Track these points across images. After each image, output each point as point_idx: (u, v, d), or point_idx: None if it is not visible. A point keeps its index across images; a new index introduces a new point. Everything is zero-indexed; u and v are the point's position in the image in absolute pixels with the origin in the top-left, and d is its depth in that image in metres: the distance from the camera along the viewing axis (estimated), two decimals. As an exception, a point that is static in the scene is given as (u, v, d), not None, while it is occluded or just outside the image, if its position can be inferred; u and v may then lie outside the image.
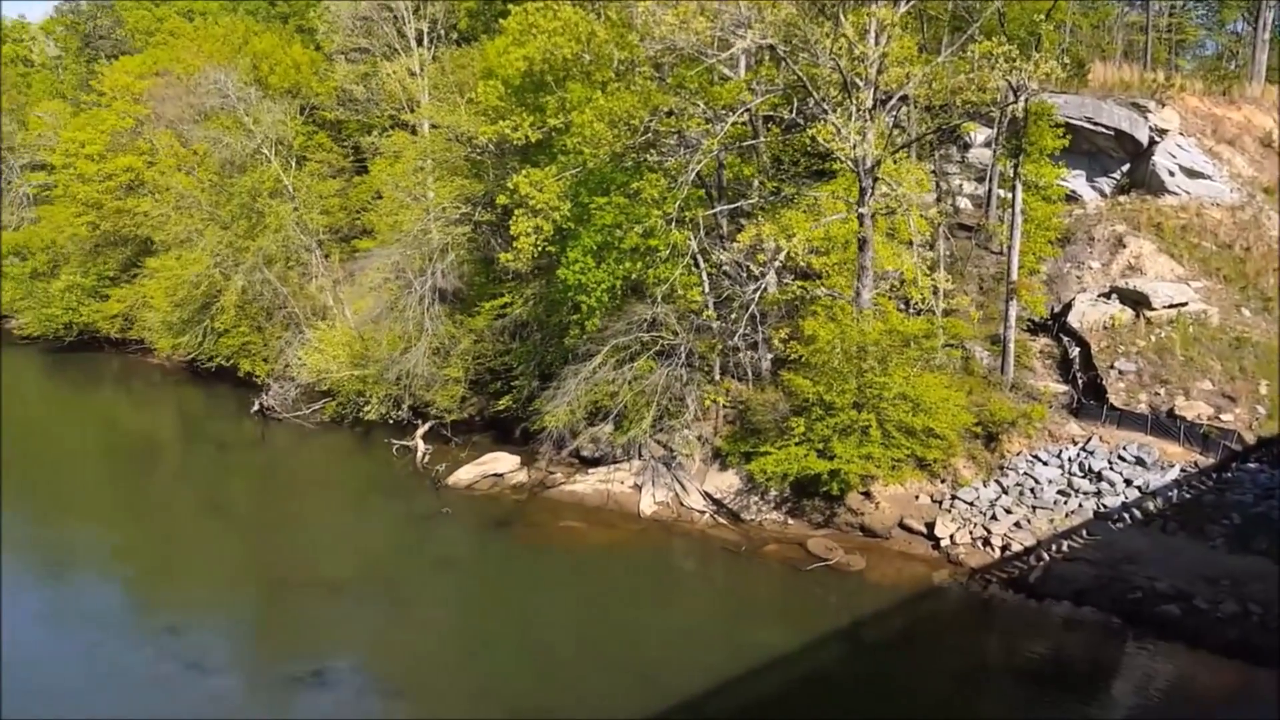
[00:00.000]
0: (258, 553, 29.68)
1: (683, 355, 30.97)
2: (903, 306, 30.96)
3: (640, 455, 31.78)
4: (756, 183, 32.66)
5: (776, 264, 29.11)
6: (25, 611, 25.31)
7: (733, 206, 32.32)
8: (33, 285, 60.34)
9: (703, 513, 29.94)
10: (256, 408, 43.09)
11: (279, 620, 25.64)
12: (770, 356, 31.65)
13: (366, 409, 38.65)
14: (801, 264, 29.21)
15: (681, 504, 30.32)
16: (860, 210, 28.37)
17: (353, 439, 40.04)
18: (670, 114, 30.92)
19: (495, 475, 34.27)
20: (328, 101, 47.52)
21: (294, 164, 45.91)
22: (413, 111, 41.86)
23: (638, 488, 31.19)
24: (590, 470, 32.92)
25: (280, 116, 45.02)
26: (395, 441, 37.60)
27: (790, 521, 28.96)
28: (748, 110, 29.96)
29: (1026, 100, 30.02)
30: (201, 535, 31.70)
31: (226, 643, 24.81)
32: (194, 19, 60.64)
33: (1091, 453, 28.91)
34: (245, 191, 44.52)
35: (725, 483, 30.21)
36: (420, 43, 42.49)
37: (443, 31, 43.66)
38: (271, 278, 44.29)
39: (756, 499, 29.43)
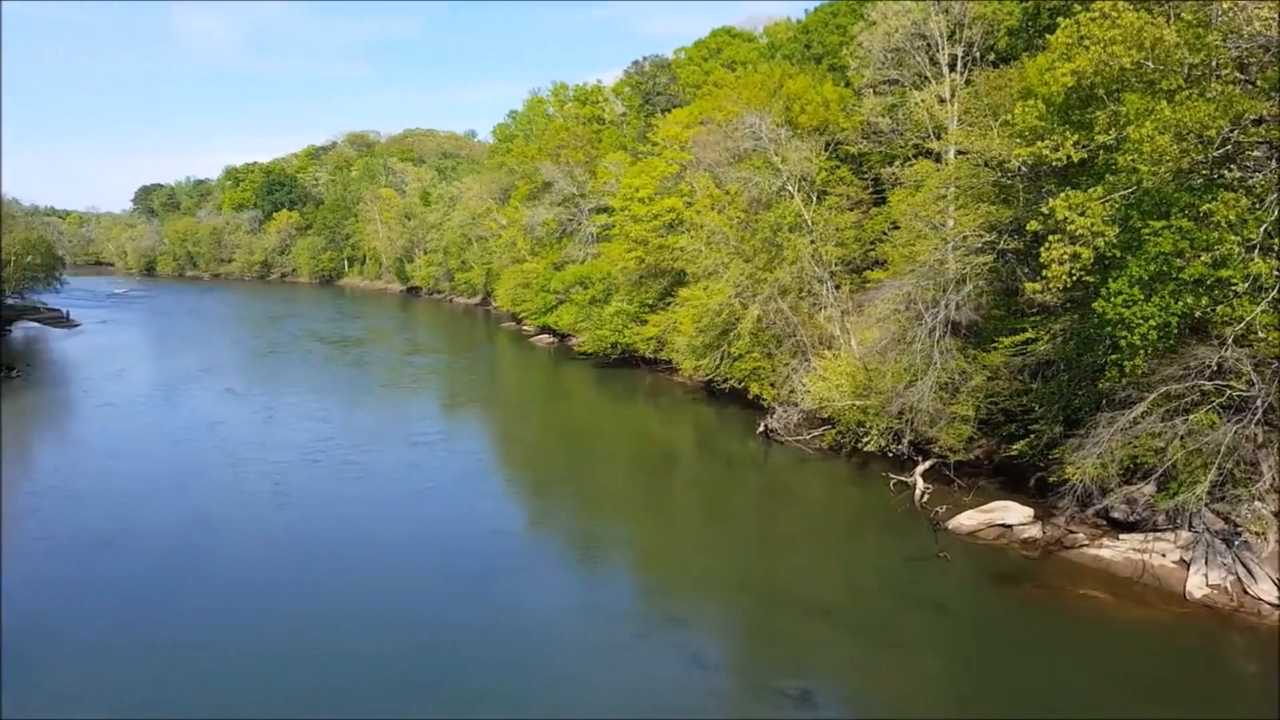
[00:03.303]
0: (752, 564, 30.47)
1: (1259, 411, 25.21)
2: None
3: (1190, 526, 26.61)
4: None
5: None
6: (564, 594, 28.66)
7: (1347, 229, 25.72)
8: (590, 310, 70.50)
9: (1276, 606, 23.95)
10: (761, 429, 45.01)
11: (768, 631, 25.86)
12: (1393, 422, 24.48)
13: (866, 440, 38.19)
14: None
15: (1245, 591, 24.60)
16: None
17: (849, 468, 39.74)
18: (1259, 122, 25.70)
19: (1002, 525, 31.30)
20: (852, 136, 48.41)
21: (814, 199, 47.42)
22: (939, 139, 40.63)
23: (1184, 564, 26.08)
24: (1121, 535, 28.38)
25: (806, 154, 46.85)
26: (893, 476, 36.42)
27: None
28: (1382, 108, 23.68)
29: None
30: (704, 540, 33.65)
31: (721, 644, 25.61)
32: (735, 69, 66.36)
33: None
34: (768, 227, 47.03)
35: (1312, 575, 23.92)
36: (953, 68, 41.23)
37: (978, 54, 41.88)
38: (784, 307, 46.03)
39: (1361, 602, 22.79)
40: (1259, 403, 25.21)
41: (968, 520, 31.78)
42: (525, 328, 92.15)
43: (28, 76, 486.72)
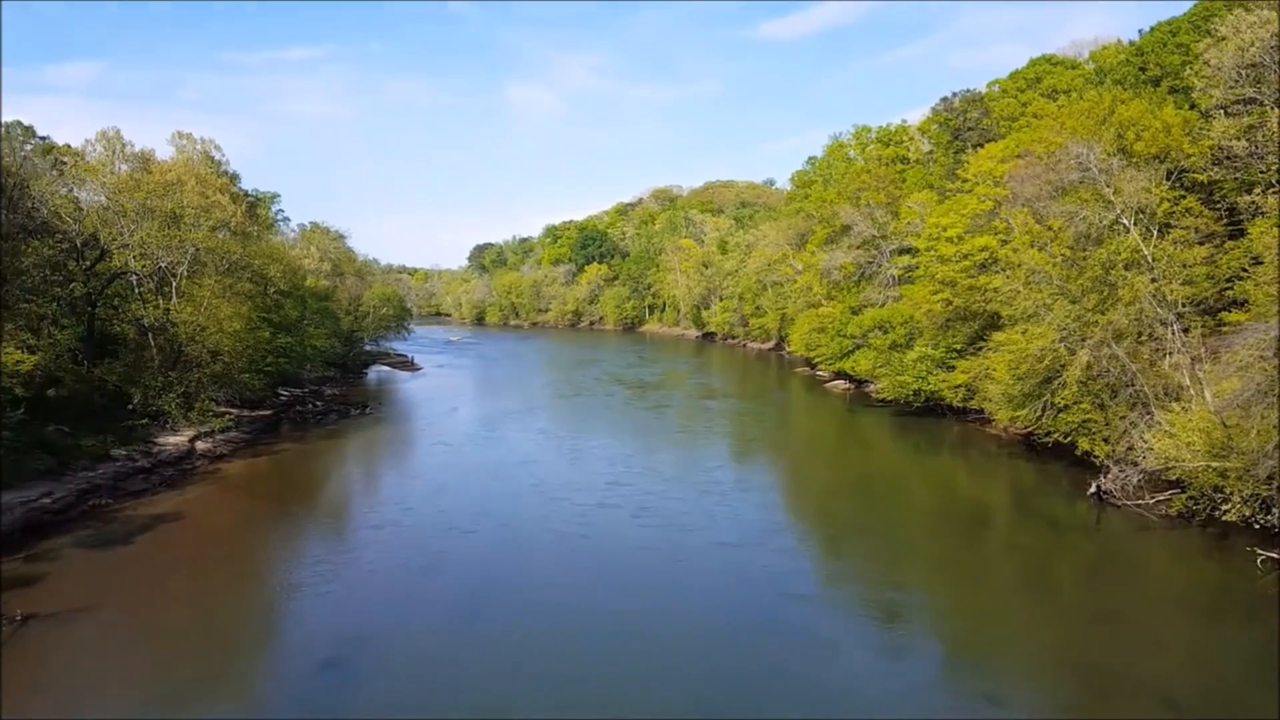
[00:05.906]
0: (1080, 641, 27.04)
1: None
2: None
3: None
4: None
5: None
6: (864, 660, 27.34)
7: None
8: (890, 355, 67.97)
9: None
10: (1093, 490, 40.38)
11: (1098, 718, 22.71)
12: None
13: (1225, 508, 33.01)
14: None
15: None
16: None
17: (1203, 540, 34.46)
18: None
19: None
20: (1200, 162, 42.88)
21: (1154, 232, 42.40)
22: (1315, 159, 34.82)
23: None
24: None
25: (1144, 184, 42.13)
26: (1261, 551, 31.12)
27: None
28: None
29: None
30: (1022, 612, 30.41)
31: (1045, 729, 22.85)
32: (1057, 98, 61.54)
33: None
34: (1098, 264, 42.68)
35: None
36: (1332, 77, 35.30)
37: (1366, 59, 35.55)
38: (1119, 353, 41.33)
39: None
40: None
41: (1367, 612, 26.27)
42: (819, 373, 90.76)
43: (394, 158, 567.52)
